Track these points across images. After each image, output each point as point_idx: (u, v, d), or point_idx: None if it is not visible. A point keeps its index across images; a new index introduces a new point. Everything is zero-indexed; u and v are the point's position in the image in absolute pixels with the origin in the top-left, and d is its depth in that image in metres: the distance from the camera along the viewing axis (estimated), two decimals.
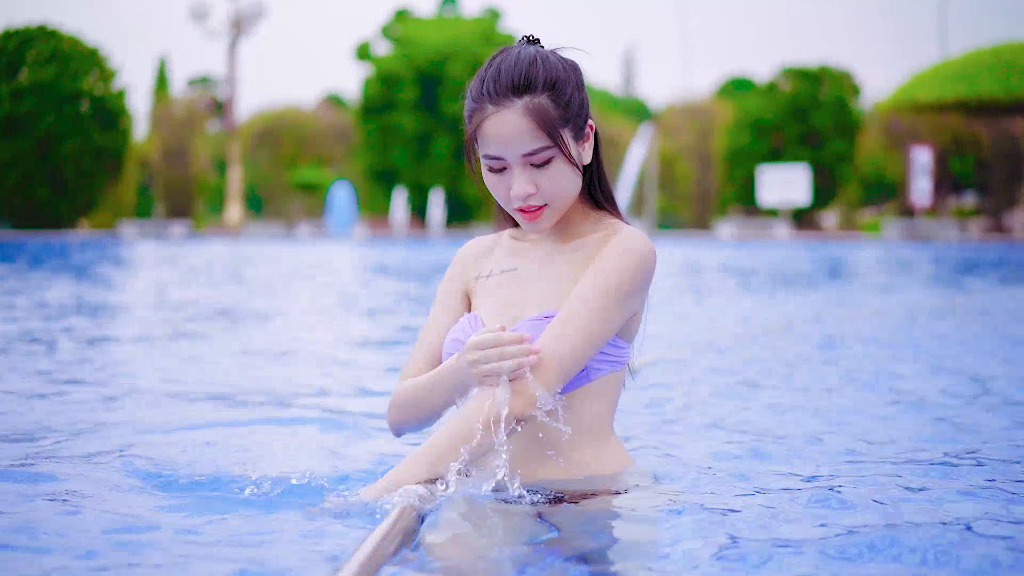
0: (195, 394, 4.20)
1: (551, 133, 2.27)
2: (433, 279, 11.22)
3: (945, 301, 9.91)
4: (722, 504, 2.39)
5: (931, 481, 2.67)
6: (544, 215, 2.34)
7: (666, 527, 2.21)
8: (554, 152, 2.29)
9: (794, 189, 35.36)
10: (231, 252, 21.48)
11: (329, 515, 2.23)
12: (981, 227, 36.69)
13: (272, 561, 2.01)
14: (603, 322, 2.29)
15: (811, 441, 3.27)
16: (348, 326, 7.72)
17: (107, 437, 3.21)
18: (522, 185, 2.29)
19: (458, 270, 2.58)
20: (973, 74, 32.66)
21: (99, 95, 30.31)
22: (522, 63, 2.29)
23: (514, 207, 2.33)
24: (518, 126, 2.26)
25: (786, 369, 5.17)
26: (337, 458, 2.94)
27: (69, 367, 4.98)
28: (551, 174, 2.30)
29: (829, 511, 2.36)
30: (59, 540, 2.14)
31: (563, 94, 2.30)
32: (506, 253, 2.52)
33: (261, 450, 3.01)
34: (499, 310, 2.44)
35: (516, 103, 2.26)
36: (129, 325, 7.24)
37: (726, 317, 8.23)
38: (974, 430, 3.46)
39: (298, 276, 14.04)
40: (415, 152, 41.11)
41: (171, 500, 2.46)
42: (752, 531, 2.19)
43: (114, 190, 32.88)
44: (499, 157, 2.29)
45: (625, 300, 2.32)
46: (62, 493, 2.50)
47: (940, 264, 17.77)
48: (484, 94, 2.29)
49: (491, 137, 2.28)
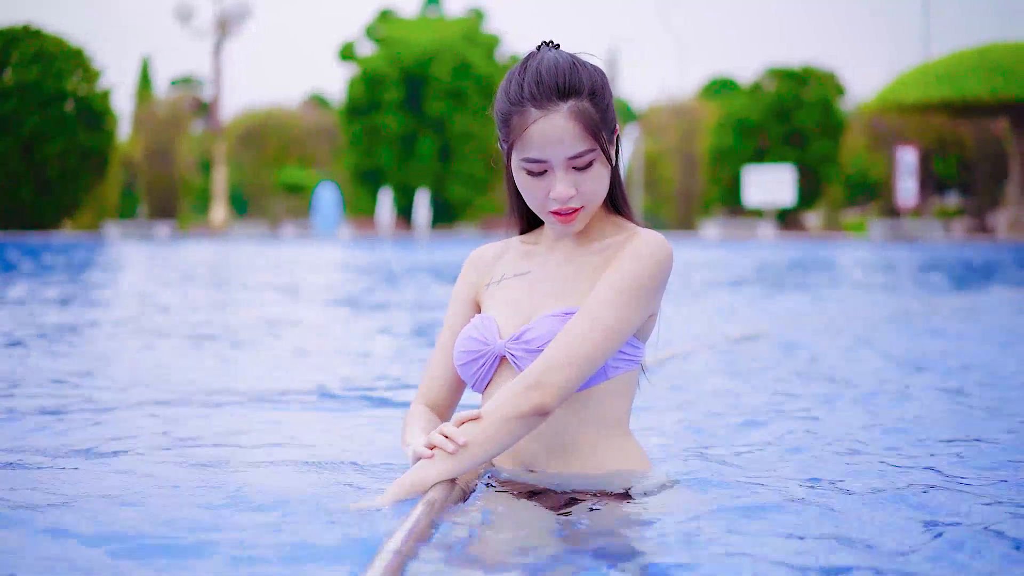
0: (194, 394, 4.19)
1: (596, 136, 2.29)
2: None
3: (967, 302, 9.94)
4: (740, 504, 2.39)
5: (967, 473, 2.68)
6: (579, 217, 2.35)
7: (680, 528, 2.20)
8: (596, 155, 2.31)
9: (779, 189, 35.52)
10: (219, 252, 21.44)
11: (353, 517, 2.22)
12: (965, 227, 36.87)
13: (297, 562, 2.01)
14: (624, 320, 2.29)
15: (823, 442, 3.27)
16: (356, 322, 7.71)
17: (107, 436, 3.20)
18: (564, 188, 2.29)
19: (471, 276, 2.58)
20: (957, 75, 32.81)
21: (83, 95, 30.21)
22: (563, 67, 2.30)
23: (550, 209, 2.34)
24: (565, 129, 2.27)
25: (810, 368, 5.17)
26: (356, 452, 2.94)
27: (87, 366, 4.96)
28: (591, 177, 2.32)
29: (851, 514, 2.36)
30: (72, 538, 2.14)
31: (603, 98, 2.33)
32: (517, 257, 2.52)
33: (283, 448, 3.01)
34: (512, 310, 2.44)
35: (562, 107, 2.27)
36: (123, 324, 7.22)
37: (752, 314, 8.25)
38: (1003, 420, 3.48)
39: (306, 276, 14.02)
40: (400, 153, 41.09)
41: (182, 501, 2.45)
42: (769, 533, 2.19)
43: (98, 191, 32.77)
44: (542, 160, 2.29)
45: (644, 300, 2.32)
46: (68, 494, 2.48)
47: (947, 265, 17.84)
48: (526, 97, 2.29)
49: (536, 140, 2.28)
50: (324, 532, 2.16)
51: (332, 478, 2.61)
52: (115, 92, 31.56)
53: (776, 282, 13.14)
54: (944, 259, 19.68)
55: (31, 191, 29.82)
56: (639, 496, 2.34)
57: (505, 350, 2.38)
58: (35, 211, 30.19)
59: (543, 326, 2.34)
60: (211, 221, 39.16)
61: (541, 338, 2.33)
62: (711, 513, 2.31)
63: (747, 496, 2.48)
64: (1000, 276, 14.55)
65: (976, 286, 12.44)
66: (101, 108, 30.59)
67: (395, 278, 10.33)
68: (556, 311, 2.36)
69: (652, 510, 2.28)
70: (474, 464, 2.22)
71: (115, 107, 31.52)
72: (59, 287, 10.56)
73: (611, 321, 2.28)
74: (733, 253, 22.56)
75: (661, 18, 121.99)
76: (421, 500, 2.09)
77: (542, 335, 2.33)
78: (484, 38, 43.11)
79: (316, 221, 36.55)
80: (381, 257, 19.75)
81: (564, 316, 2.35)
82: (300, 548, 2.07)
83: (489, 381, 2.43)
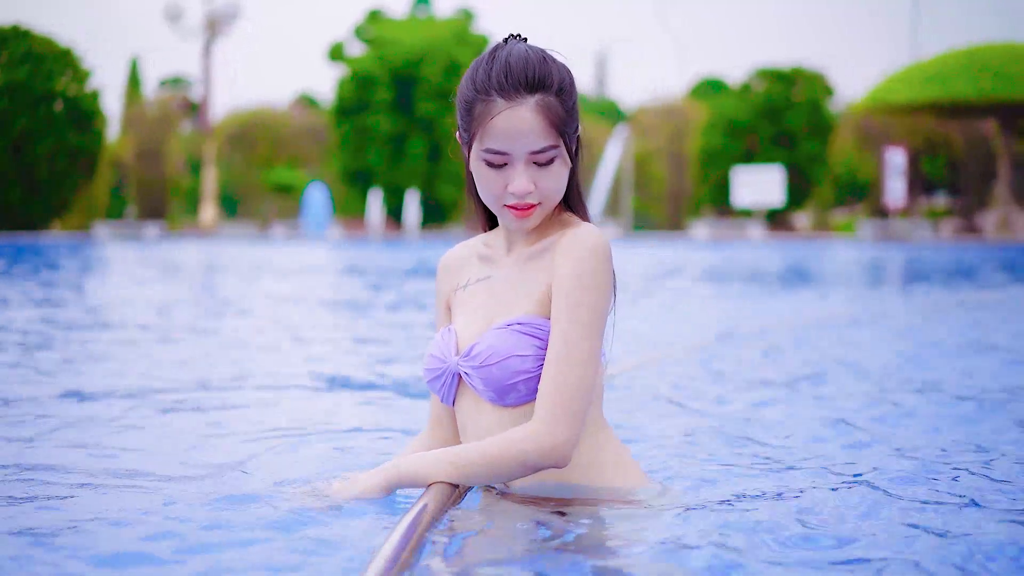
0: (183, 391, 4.20)
1: (561, 133, 2.26)
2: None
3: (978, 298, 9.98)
4: (733, 511, 2.40)
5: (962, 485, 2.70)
6: (535, 214, 2.31)
7: (672, 533, 2.21)
8: (558, 152, 2.27)
9: (769, 190, 35.56)
10: (209, 252, 21.40)
11: (339, 509, 2.25)
12: (953, 227, 36.97)
13: (297, 557, 2.02)
14: (595, 339, 2.25)
15: (816, 441, 3.29)
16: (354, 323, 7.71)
17: (108, 435, 3.21)
18: (523, 182, 2.25)
19: (443, 284, 2.56)
20: (945, 76, 32.88)
21: (73, 96, 30.06)
22: (533, 60, 2.26)
23: (506, 203, 2.30)
24: (531, 123, 2.23)
25: (796, 369, 5.19)
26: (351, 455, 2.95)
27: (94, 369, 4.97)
28: (552, 174, 2.28)
29: (837, 518, 2.38)
30: (74, 540, 2.15)
31: (570, 96, 2.30)
32: (479, 261, 2.49)
33: (273, 449, 3.02)
34: (474, 319, 2.41)
35: (529, 100, 2.24)
36: (122, 325, 7.22)
37: (738, 314, 8.27)
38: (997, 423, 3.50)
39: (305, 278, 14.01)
40: (390, 153, 41.02)
41: (183, 497, 2.46)
42: (759, 539, 2.20)
43: (87, 191, 32.65)
44: (504, 152, 2.25)
45: (599, 306, 2.26)
46: (70, 492, 2.49)
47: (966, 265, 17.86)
48: (493, 87, 2.25)
49: (500, 132, 2.23)
50: (324, 533, 2.17)
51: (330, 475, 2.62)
52: (104, 92, 31.43)
53: (764, 283, 13.17)
54: (936, 260, 19.73)
55: (20, 191, 29.69)
56: (631, 501, 2.34)
57: (459, 368, 2.36)
58: (24, 211, 30.06)
59: (486, 341, 2.31)
60: (201, 221, 39.06)
61: (484, 354, 2.29)
62: (702, 519, 2.31)
63: (741, 502, 2.48)
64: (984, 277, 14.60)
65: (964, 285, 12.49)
66: (90, 108, 30.45)
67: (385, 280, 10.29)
68: (501, 323, 2.32)
69: (644, 515, 2.29)
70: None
71: (104, 107, 31.40)
72: (46, 287, 10.55)
73: (583, 352, 2.23)
74: (722, 253, 22.58)
75: (651, 19, 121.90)
76: (415, 505, 2.09)
77: (484, 351, 2.30)
78: (474, 38, 43.06)
79: (306, 222, 36.50)
80: (371, 257, 19.72)
81: (507, 328, 2.30)
82: (300, 549, 2.09)
83: (455, 396, 2.42)
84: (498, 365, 2.28)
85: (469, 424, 2.38)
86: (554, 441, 2.18)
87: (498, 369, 2.28)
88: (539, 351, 2.27)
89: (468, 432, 2.39)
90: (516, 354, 2.27)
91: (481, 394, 2.32)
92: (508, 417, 2.30)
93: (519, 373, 2.27)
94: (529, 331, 2.29)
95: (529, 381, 2.27)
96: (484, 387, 2.31)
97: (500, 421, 2.31)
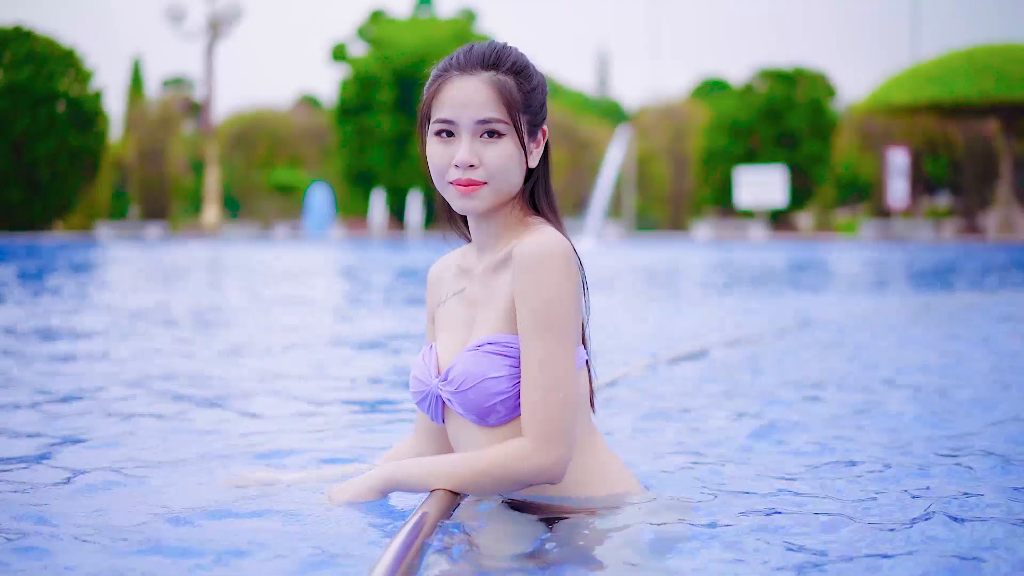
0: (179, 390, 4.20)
1: (509, 109, 2.26)
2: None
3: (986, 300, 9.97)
4: (726, 517, 2.40)
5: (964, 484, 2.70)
6: (479, 193, 2.27)
7: (665, 539, 2.21)
8: (507, 129, 2.26)
9: (771, 190, 35.56)
10: (212, 253, 21.39)
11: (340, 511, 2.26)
12: (955, 228, 36.95)
13: (296, 561, 2.03)
14: (565, 357, 2.22)
15: (812, 444, 3.29)
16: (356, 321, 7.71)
17: (108, 434, 3.22)
18: (466, 153, 2.24)
19: (429, 297, 2.56)
20: (946, 76, 32.90)
21: (75, 96, 30.11)
22: (495, 44, 2.32)
23: (451, 179, 2.28)
24: (478, 91, 2.25)
25: (794, 372, 5.19)
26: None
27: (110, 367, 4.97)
28: (498, 151, 2.25)
29: (837, 519, 2.38)
30: (77, 539, 2.16)
31: (529, 81, 2.30)
32: (457, 274, 2.47)
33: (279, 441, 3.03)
34: (452, 337, 2.40)
35: (482, 73, 2.27)
36: (122, 325, 7.23)
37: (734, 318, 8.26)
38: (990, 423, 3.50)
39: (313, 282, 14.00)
40: (392, 154, 41.04)
41: (181, 501, 2.47)
42: (754, 543, 2.20)
43: (89, 192, 32.70)
44: (451, 120, 2.26)
45: (566, 320, 2.22)
46: (77, 491, 2.51)
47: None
48: (451, 65, 2.30)
49: (448, 100, 2.26)
50: (323, 542, 2.18)
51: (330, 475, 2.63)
52: (106, 93, 31.49)
53: (764, 283, 13.16)
54: (937, 260, 19.71)
55: (22, 192, 29.74)
56: (623, 508, 2.33)
57: (439, 391, 2.35)
58: (26, 212, 30.10)
59: (460, 365, 2.29)
60: (203, 222, 39.07)
61: (459, 379, 2.28)
62: (696, 524, 2.31)
63: (734, 507, 2.49)
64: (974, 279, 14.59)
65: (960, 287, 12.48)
66: (92, 109, 30.51)
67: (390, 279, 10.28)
68: (472, 344, 2.30)
69: (636, 522, 2.28)
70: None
71: (106, 108, 31.45)
72: (47, 289, 10.56)
73: (560, 371, 2.20)
74: (725, 254, 22.56)
75: (651, 19, 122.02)
76: (416, 512, 2.10)
77: (458, 376, 2.28)
78: (476, 39, 42.91)
79: (308, 222, 36.50)
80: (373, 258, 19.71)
81: (477, 350, 2.27)
82: (299, 551, 2.10)
83: (443, 416, 2.41)
84: (473, 389, 2.26)
85: (460, 440, 2.38)
86: (549, 460, 2.19)
87: (474, 393, 2.26)
88: (512, 370, 2.25)
89: (460, 446, 2.39)
90: (490, 376, 2.25)
91: (463, 416, 2.31)
92: (497, 435, 2.29)
93: (496, 395, 2.25)
94: (499, 351, 2.26)
95: (507, 401, 2.25)
96: (464, 411, 2.30)
97: (489, 439, 2.30)
